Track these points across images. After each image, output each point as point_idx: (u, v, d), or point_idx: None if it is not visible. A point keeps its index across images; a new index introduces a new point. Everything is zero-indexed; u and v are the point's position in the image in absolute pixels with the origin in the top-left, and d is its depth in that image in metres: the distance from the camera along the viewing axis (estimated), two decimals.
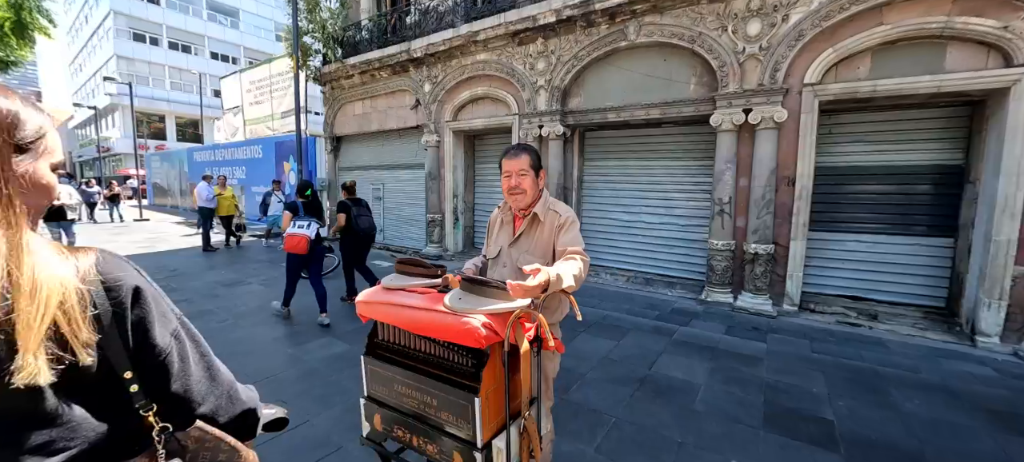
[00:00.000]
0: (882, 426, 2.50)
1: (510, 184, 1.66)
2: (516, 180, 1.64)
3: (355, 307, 1.39)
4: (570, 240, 1.56)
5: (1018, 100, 3.97)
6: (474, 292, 1.19)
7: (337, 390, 2.83)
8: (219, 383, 0.80)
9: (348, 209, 4.76)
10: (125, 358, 0.65)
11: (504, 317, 1.15)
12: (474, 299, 1.17)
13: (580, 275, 1.37)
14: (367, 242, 4.94)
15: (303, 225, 4.12)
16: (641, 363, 3.34)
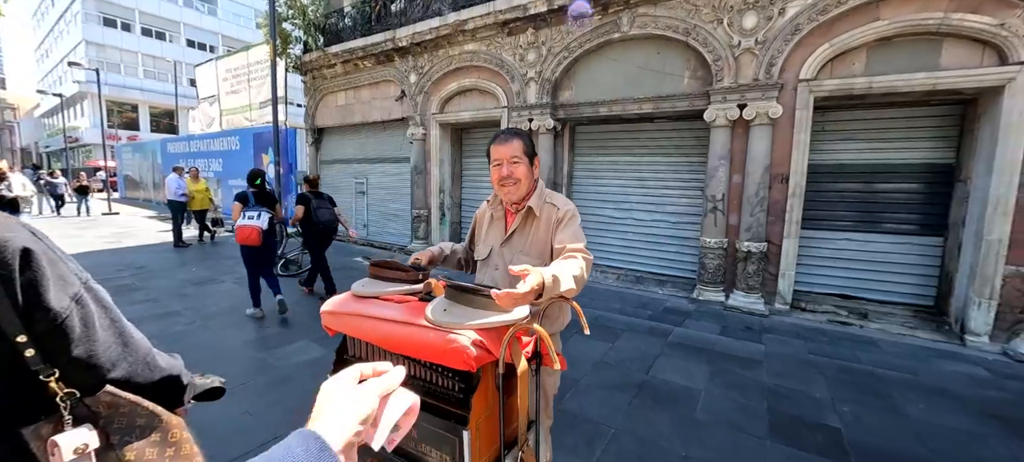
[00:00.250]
0: (890, 434, 2.40)
1: (501, 173, 1.45)
2: (508, 169, 1.43)
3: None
4: (570, 236, 1.36)
5: (1012, 98, 3.94)
6: (462, 302, 0.99)
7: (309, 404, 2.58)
8: (133, 349, 0.77)
9: (308, 201, 4.76)
10: (17, 322, 0.62)
11: (498, 332, 0.96)
12: (462, 311, 0.97)
13: (581, 276, 1.18)
14: (327, 235, 4.94)
15: (253, 215, 4.04)
16: (638, 367, 3.19)
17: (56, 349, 0.66)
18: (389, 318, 1.01)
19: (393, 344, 1.01)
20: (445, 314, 0.96)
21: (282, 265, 6.07)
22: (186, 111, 27.60)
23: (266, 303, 4.31)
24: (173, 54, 28.85)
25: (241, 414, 2.44)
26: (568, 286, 1.08)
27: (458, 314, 0.96)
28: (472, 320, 0.93)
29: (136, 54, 28.92)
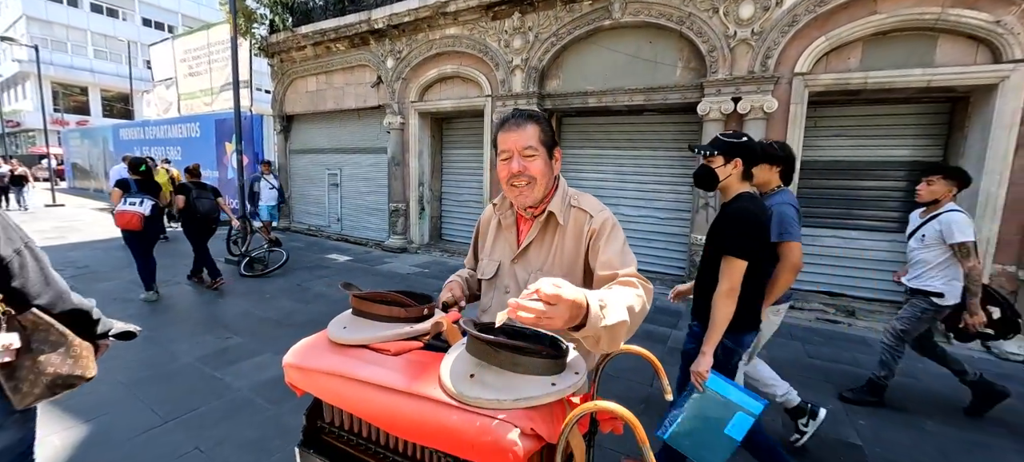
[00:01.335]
0: (912, 452, 2.27)
1: (511, 169, 1.10)
2: (520, 163, 1.09)
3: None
4: (618, 257, 1.04)
5: (1004, 97, 3.92)
6: (497, 362, 0.69)
7: (275, 430, 2.24)
8: (53, 286, 1.13)
9: (188, 191, 4.89)
10: None
11: (554, 410, 0.67)
12: (499, 379, 0.67)
13: (641, 311, 0.88)
14: (206, 224, 5.05)
15: (135, 202, 4.17)
16: (641, 378, 2.98)
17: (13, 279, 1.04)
18: (387, 385, 0.70)
19: (393, 424, 0.70)
20: (473, 383, 0.66)
21: (246, 264, 5.57)
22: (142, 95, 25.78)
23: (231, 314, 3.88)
24: (127, 33, 26.83)
25: (191, 450, 2.07)
26: (619, 319, 0.76)
27: (493, 383, 0.66)
28: (517, 395, 0.64)
29: (85, 32, 26.75)
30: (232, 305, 4.32)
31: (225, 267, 5.87)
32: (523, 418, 0.61)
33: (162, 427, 2.24)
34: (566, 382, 0.66)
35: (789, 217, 2.02)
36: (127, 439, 2.14)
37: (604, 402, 0.66)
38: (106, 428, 2.22)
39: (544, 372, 0.66)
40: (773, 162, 2.14)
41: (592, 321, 0.71)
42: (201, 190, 4.98)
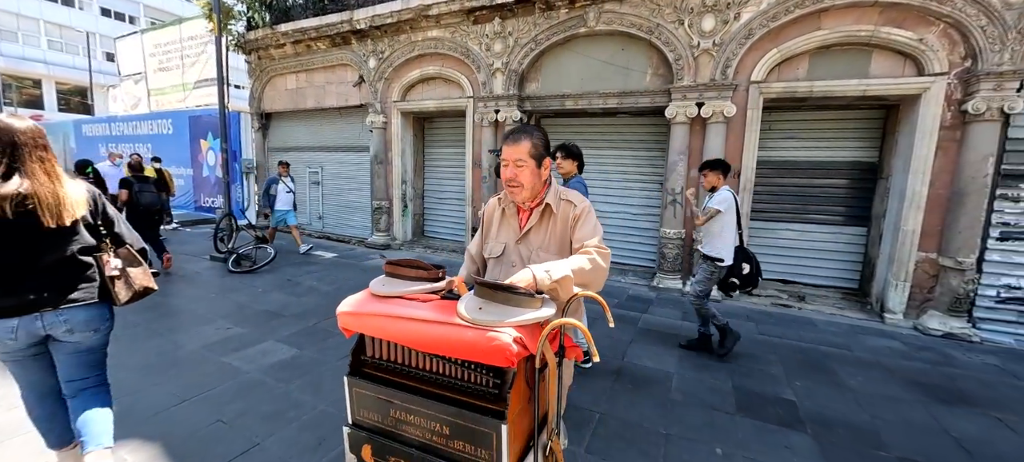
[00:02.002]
0: (835, 402, 2.71)
1: (506, 175, 1.45)
2: (512, 171, 1.42)
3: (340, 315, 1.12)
4: (586, 234, 1.39)
5: (926, 106, 4.46)
6: (497, 300, 1.00)
7: (289, 404, 2.47)
8: (131, 233, 1.88)
9: (131, 185, 5.16)
10: (101, 218, 1.74)
11: (533, 329, 0.98)
12: (498, 308, 0.98)
13: (588, 269, 1.22)
14: (149, 216, 5.33)
15: None
16: (613, 354, 3.34)
17: (109, 230, 1.77)
18: (419, 318, 1.00)
19: (425, 344, 1.00)
20: (482, 312, 0.97)
21: (234, 261, 5.65)
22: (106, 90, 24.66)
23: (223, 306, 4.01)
24: (84, 23, 25.56)
25: (213, 422, 2.28)
26: (562, 275, 1.15)
27: (495, 312, 0.97)
28: (511, 318, 0.95)
29: (37, 21, 25.30)
30: (226, 300, 4.44)
31: (211, 264, 5.92)
32: (513, 332, 0.92)
33: (181, 406, 2.43)
34: (541, 312, 0.97)
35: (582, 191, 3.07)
36: (151, 417, 2.32)
37: (566, 319, 0.98)
38: (128, 408, 2.39)
39: (526, 306, 0.97)
40: (573, 157, 3.21)
41: (541, 283, 1.11)
42: (143, 183, 5.24)
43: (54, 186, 1.54)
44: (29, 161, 1.53)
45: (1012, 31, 4.05)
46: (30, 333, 1.57)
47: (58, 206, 1.54)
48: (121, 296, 1.73)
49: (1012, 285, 4.35)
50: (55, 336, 1.62)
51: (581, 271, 1.21)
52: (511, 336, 0.91)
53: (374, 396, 1.13)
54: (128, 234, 1.83)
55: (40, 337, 1.60)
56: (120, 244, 1.79)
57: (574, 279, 1.16)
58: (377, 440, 1.14)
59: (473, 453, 1.01)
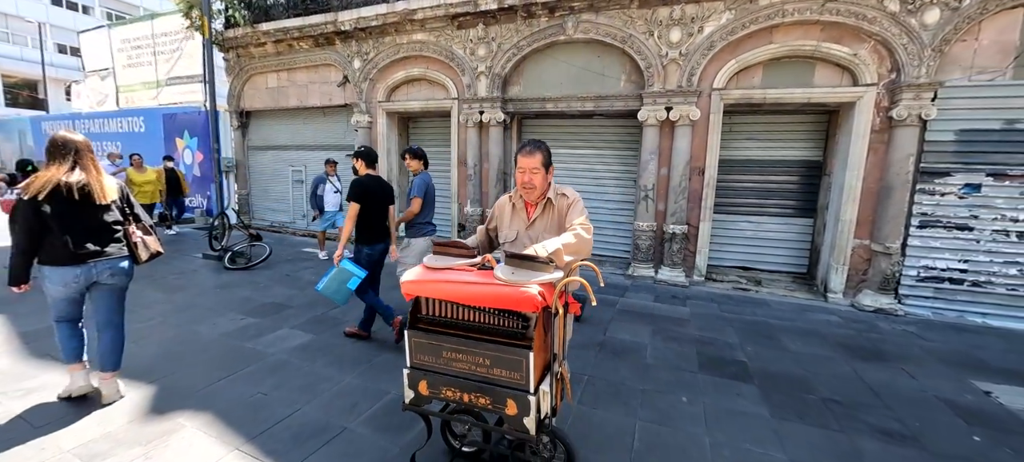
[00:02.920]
0: (778, 361, 3.28)
1: (524, 179, 1.87)
2: (529, 177, 1.86)
3: (402, 286, 1.50)
4: (574, 217, 1.82)
5: (860, 113, 5.13)
6: (524, 267, 1.41)
7: (318, 378, 2.80)
8: (145, 215, 2.63)
9: None
10: (125, 203, 2.55)
11: (549, 287, 1.39)
12: (525, 273, 1.39)
13: (576, 243, 1.64)
14: None
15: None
16: (596, 330, 3.81)
17: (132, 211, 2.59)
18: (468, 281, 1.40)
19: (473, 298, 1.39)
20: (514, 275, 1.37)
21: (229, 258, 5.80)
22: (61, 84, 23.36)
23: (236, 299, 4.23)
24: (33, 12, 24.08)
25: (254, 395, 2.58)
26: (555, 248, 1.57)
27: (523, 275, 1.37)
28: (535, 278, 1.35)
29: None
30: (231, 294, 4.64)
31: (205, 262, 6.04)
32: (538, 287, 1.33)
33: (219, 383, 2.72)
34: (554, 275, 1.39)
35: (418, 184, 3.82)
36: (195, 392, 2.60)
37: (574, 277, 1.39)
38: (171, 386, 2.66)
39: (544, 270, 1.39)
40: (418, 158, 3.95)
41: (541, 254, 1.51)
42: None
43: (99, 177, 2.41)
44: (85, 160, 2.38)
45: (927, 49, 4.75)
46: (87, 278, 2.38)
47: (101, 190, 2.38)
48: (142, 256, 2.54)
49: (929, 266, 5.09)
50: (100, 280, 2.43)
51: (569, 244, 1.62)
52: (536, 290, 1.32)
53: (428, 343, 1.51)
54: (143, 215, 2.65)
55: (92, 281, 2.40)
56: (138, 221, 2.60)
57: (564, 250, 1.58)
58: (431, 376, 1.52)
59: (508, 376, 1.41)
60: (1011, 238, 4.79)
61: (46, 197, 2.20)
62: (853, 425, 2.44)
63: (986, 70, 4.70)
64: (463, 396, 1.48)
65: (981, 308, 4.92)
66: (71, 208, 2.27)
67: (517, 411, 1.40)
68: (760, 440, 2.27)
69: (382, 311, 3.46)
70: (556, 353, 1.61)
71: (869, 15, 4.89)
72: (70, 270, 2.29)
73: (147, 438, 2.17)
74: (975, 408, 2.69)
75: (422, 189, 3.80)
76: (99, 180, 2.37)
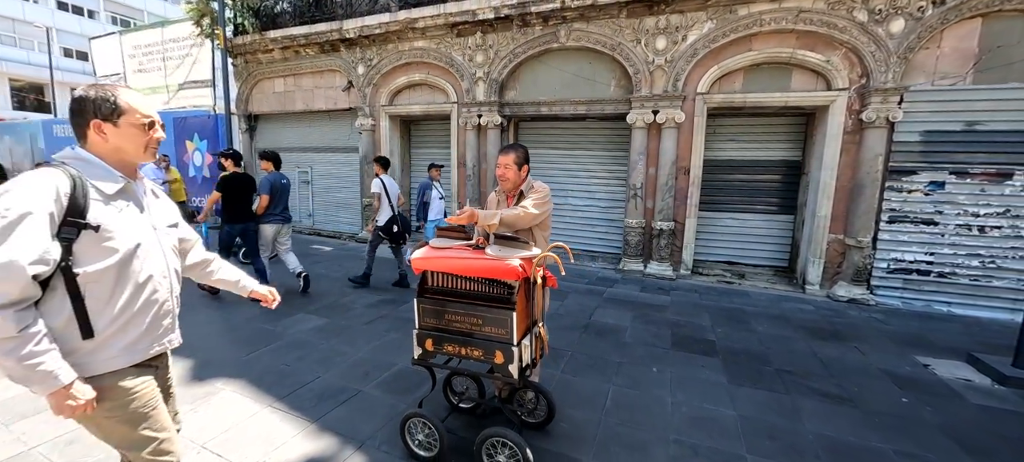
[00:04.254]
0: (744, 340, 3.66)
1: (499, 173, 2.29)
2: (503, 170, 2.27)
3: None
4: (527, 199, 2.21)
5: (833, 115, 5.49)
6: (508, 246, 1.78)
7: (334, 354, 3.18)
8: None
9: None
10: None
11: (529, 261, 1.77)
12: (509, 251, 1.76)
13: (512, 217, 2.05)
14: None
15: None
16: (582, 315, 4.18)
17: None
18: (465, 257, 1.78)
19: (468, 270, 1.77)
20: (500, 251, 1.74)
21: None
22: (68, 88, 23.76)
23: None
24: (39, 17, 24.53)
25: (280, 366, 2.97)
26: (490, 221, 1.97)
27: (507, 252, 1.75)
28: (517, 254, 1.73)
29: None
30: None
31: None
32: (519, 261, 1.70)
33: (248, 357, 3.12)
34: (531, 252, 1.76)
35: (264, 182, 4.54)
36: (229, 364, 3.00)
37: (549, 252, 1.77)
38: (206, 359, 3.05)
39: (524, 248, 1.76)
40: (269, 160, 4.71)
41: (483, 219, 1.95)
42: None
43: None
44: None
45: (894, 56, 5.12)
46: None
47: None
48: None
49: (898, 259, 5.45)
50: None
51: (507, 215, 2.04)
52: (518, 263, 1.69)
53: (433, 308, 1.88)
54: None
55: None
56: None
57: (505, 218, 2.01)
58: (436, 334, 1.89)
59: (496, 332, 1.78)
60: (973, 232, 5.15)
61: None
62: (798, 389, 2.81)
63: (948, 75, 5.06)
64: (461, 350, 1.85)
65: (946, 298, 5.28)
66: None
67: (503, 360, 1.78)
68: (715, 400, 2.64)
69: (259, 271, 4.59)
70: (536, 318, 1.99)
71: (840, 24, 5.26)
72: None
73: (192, 398, 2.55)
74: (911, 377, 3.06)
75: (267, 187, 4.57)
76: None
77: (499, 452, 1.87)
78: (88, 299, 1.14)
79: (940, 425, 2.53)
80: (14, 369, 1.04)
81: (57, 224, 1.08)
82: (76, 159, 1.19)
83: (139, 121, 1.22)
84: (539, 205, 2.16)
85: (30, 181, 1.08)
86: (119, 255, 1.17)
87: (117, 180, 1.22)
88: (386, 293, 4.95)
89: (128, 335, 1.22)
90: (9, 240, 1.00)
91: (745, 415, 2.51)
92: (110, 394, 1.19)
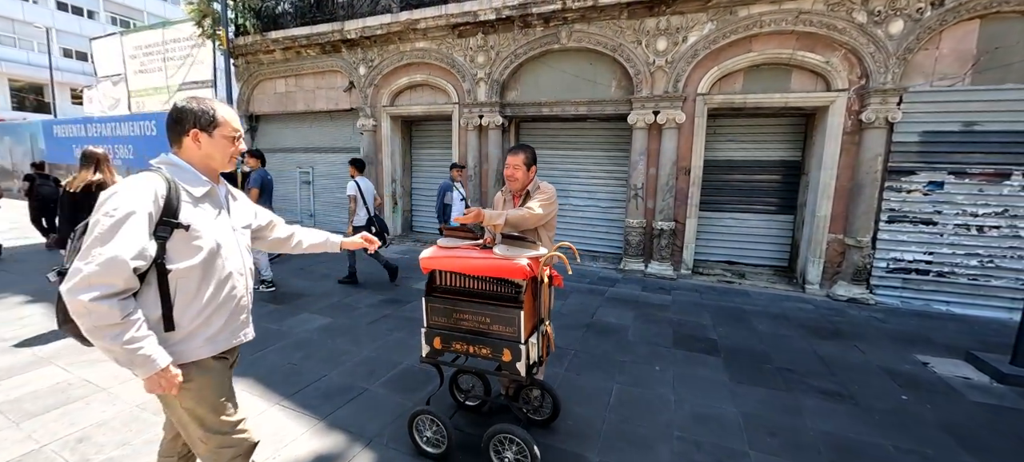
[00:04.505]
0: (745, 339, 3.69)
1: (508, 173, 2.31)
2: (512, 171, 2.30)
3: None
4: (532, 199, 2.23)
5: (833, 116, 5.53)
6: (516, 245, 1.81)
7: (339, 353, 3.21)
8: None
9: (33, 180, 6.52)
10: None
11: (536, 260, 1.80)
12: (517, 250, 1.79)
13: (517, 217, 2.05)
14: (47, 203, 6.52)
15: None
16: (585, 314, 4.21)
17: None
18: (473, 257, 1.80)
19: (477, 270, 1.80)
20: (508, 251, 1.77)
21: None
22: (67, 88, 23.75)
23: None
24: (38, 17, 24.50)
25: (285, 364, 2.99)
26: (496, 222, 1.97)
27: (515, 252, 1.78)
28: (525, 253, 1.76)
29: None
30: None
31: None
32: (526, 260, 1.73)
33: (255, 355, 3.15)
34: (538, 252, 1.79)
35: (255, 177, 4.79)
36: (246, 356, 3.01)
37: (556, 252, 1.80)
38: None
39: (531, 248, 1.79)
40: (256, 157, 5.01)
41: (489, 219, 1.92)
42: (44, 179, 6.60)
43: (113, 177, 3.30)
44: (104, 165, 3.32)
45: (893, 57, 5.16)
46: None
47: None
48: None
49: (898, 258, 5.49)
50: None
51: (512, 215, 2.04)
52: (525, 262, 1.72)
53: (442, 307, 1.91)
54: None
55: None
56: None
57: (510, 218, 2.01)
58: (444, 333, 1.92)
59: (504, 330, 1.81)
60: (971, 232, 5.18)
61: (82, 189, 3.22)
62: (799, 387, 2.84)
63: (946, 76, 5.10)
64: (469, 348, 1.88)
65: (945, 297, 5.31)
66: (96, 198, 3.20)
67: (511, 358, 1.81)
68: (717, 398, 2.68)
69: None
70: (542, 317, 2.02)
71: (839, 26, 5.30)
72: None
73: None
74: (910, 375, 3.10)
75: (259, 181, 4.83)
76: (113, 179, 3.35)
77: (506, 448, 1.90)
78: (178, 294, 1.26)
79: (939, 422, 2.57)
80: (119, 352, 1.15)
81: (154, 223, 1.20)
82: (169, 164, 1.31)
83: (230, 133, 1.37)
84: (544, 206, 2.19)
85: (133, 184, 1.20)
86: (204, 253, 1.28)
87: (204, 184, 1.33)
88: (388, 293, 4.98)
89: (211, 327, 1.33)
90: (115, 237, 1.12)
91: (747, 412, 2.54)
92: (194, 381, 1.30)
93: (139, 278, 1.18)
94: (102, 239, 1.12)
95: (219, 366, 1.39)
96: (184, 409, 1.33)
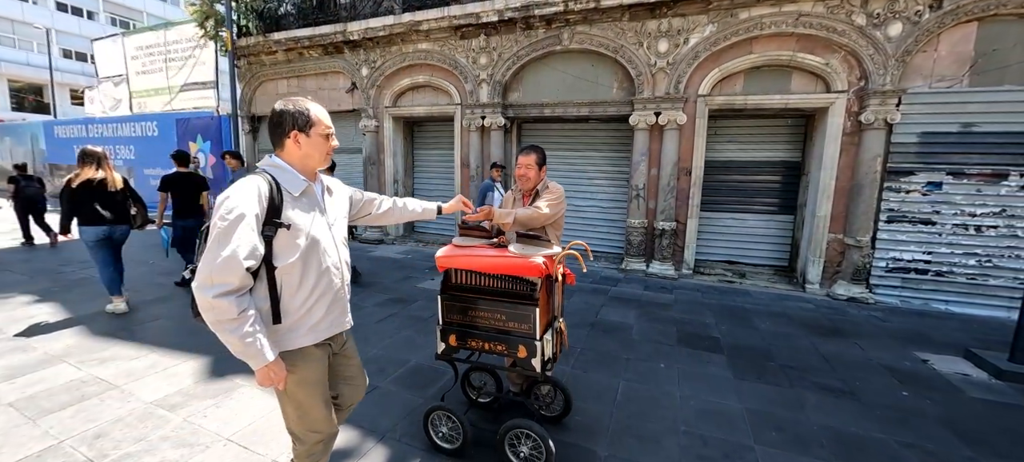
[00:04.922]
0: (747, 337, 3.75)
1: (520, 173, 2.36)
2: (524, 171, 2.35)
3: None
4: (541, 199, 2.29)
5: (833, 117, 5.59)
6: (532, 244, 1.86)
7: None
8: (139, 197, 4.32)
9: (17, 182, 6.96)
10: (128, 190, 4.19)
11: (551, 258, 1.85)
12: (533, 249, 1.84)
13: (525, 216, 2.12)
14: (33, 204, 7.09)
15: None
16: (589, 313, 4.27)
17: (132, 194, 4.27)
18: (489, 255, 1.85)
19: (492, 268, 1.85)
20: (524, 249, 1.82)
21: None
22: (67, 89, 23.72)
23: None
24: (38, 17, 24.47)
25: None
26: (505, 220, 2.01)
27: (531, 250, 1.82)
28: (540, 252, 1.80)
29: None
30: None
31: None
32: (541, 258, 1.78)
33: None
34: (551, 250, 1.83)
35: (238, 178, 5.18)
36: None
37: (569, 250, 1.84)
38: (224, 354, 3.10)
39: (546, 246, 1.84)
40: (237, 158, 5.39)
41: (498, 217, 2.00)
42: (28, 180, 7.00)
43: (112, 174, 3.86)
44: (105, 163, 3.84)
45: (891, 59, 5.22)
46: (107, 233, 3.88)
47: (114, 183, 3.83)
48: (138, 221, 4.01)
49: (897, 258, 5.55)
50: (114, 237, 3.96)
51: (521, 214, 2.11)
52: (541, 260, 1.77)
53: (457, 305, 1.96)
54: (139, 197, 4.04)
55: (109, 236, 3.90)
56: (138, 201, 4.03)
57: (519, 216, 2.08)
58: (459, 330, 1.97)
59: (519, 327, 1.86)
60: (970, 231, 5.25)
61: (83, 185, 3.68)
62: (802, 383, 2.90)
63: (945, 78, 5.17)
64: (484, 345, 1.93)
65: (944, 296, 5.38)
66: (97, 192, 3.76)
67: (526, 354, 1.85)
68: (722, 394, 2.73)
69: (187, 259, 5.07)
70: (556, 314, 2.07)
71: (839, 28, 5.36)
72: (98, 228, 3.84)
73: (213, 393, 2.62)
74: (910, 372, 3.16)
75: (225, 183, 5.07)
76: (113, 177, 3.86)
77: (522, 443, 1.94)
78: (283, 288, 1.36)
79: (939, 417, 2.62)
80: (236, 345, 1.26)
81: (261, 224, 1.29)
82: (273, 167, 1.41)
83: (324, 132, 1.44)
84: (552, 205, 2.23)
85: (243, 188, 1.28)
86: (303, 249, 1.36)
87: (302, 183, 1.41)
88: (394, 293, 5.02)
89: (313, 317, 1.43)
90: (231, 239, 1.21)
91: (751, 408, 2.60)
92: (298, 367, 1.42)
93: (252, 275, 1.28)
94: (219, 241, 1.21)
95: (320, 354, 1.48)
96: (286, 393, 1.44)
